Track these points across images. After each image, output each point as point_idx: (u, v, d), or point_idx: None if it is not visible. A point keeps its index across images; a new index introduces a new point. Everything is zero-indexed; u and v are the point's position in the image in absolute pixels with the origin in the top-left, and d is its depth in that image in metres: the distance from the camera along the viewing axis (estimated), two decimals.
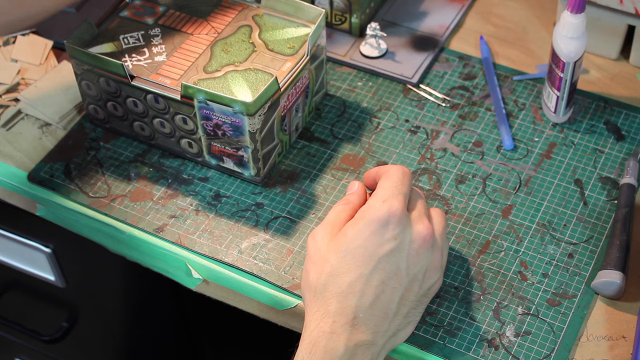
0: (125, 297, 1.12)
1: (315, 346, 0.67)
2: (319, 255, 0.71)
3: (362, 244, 0.70)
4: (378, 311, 0.69)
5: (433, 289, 0.74)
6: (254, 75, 0.84)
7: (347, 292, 0.69)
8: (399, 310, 0.70)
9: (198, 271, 0.82)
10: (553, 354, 0.74)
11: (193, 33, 0.88)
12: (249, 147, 0.82)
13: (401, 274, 0.70)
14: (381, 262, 0.69)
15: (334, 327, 0.67)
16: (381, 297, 0.69)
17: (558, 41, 0.85)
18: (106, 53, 0.86)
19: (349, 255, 0.70)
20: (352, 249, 0.70)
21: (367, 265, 0.69)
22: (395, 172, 0.74)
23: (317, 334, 0.67)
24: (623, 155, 0.88)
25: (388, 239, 0.70)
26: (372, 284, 0.69)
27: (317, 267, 0.71)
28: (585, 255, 0.80)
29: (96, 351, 1.25)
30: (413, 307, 0.72)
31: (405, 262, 0.70)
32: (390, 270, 0.70)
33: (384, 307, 0.69)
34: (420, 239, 0.71)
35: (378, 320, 0.69)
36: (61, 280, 1.06)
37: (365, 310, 0.68)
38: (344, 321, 0.68)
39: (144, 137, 0.89)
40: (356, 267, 0.69)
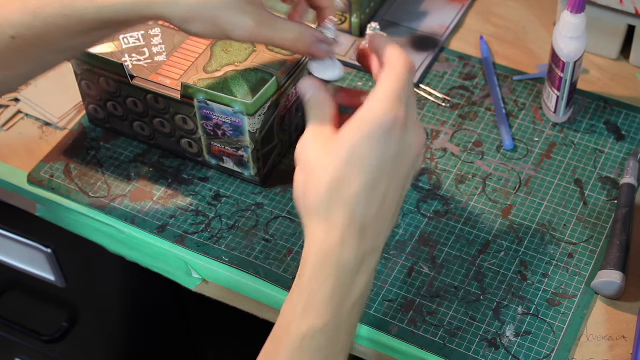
0: (125, 297, 1.12)
1: (327, 260, 0.64)
2: (316, 165, 0.66)
3: (367, 151, 0.65)
4: (382, 217, 0.67)
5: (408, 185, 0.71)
6: (254, 75, 0.84)
7: (354, 202, 0.65)
8: (396, 212, 0.69)
9: (198, 271, 0.82)
10: (553, 354, 0.74)
11: None
12: (249, 147, 0.82)
13: (402, 178, 0.68)
14: (386, 167, 0.66)
15: (344, 239, 0.65)
16: (385, 202, 0.67)
17: (558, 41, 0.85)
18: (106, 53, 0.86)
19: (352, 163, 0.65)
20: (356, 157, 0.65)
21: (373, 172, 0.66)
22: (403, 70, 0.68)
23: (327, 248, 0.65)
24: (623, 155, 0.88)
25: (393, 144, 0.66)
26: (379, 190, 0.66)
27: (315, 178, 0.66)
28: (585, 255, 0.80)
29: (96, 351, 1.25)
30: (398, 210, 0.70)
31: (407, 166, 0.68)
32: (393, 174, 0.67)
33: (387, 211, 0.67)
34: (419, 145, 0.69)
35: (382, 225, 0.67)
36: (61, 280, 1.06)
37: (372, 217, 0.66)
38: (353, 232, 0.65)
39: (144, 137, 0.89)
40: (361, 175, 0.65)
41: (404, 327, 0.76)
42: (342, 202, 0.65)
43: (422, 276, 0.79)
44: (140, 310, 1.14)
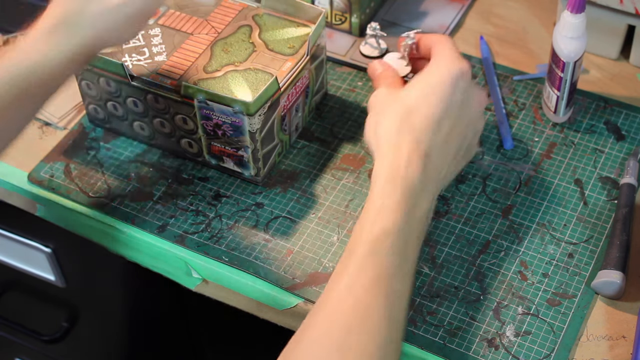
0: (125, 297, 1.12)
1: (395, 175, 0.70)
2: (389, 104, 0.75)
3: (436, 92, 0.74)
4: (445, 152, 0.74)
5: (470, 152, 0.78)
6: (254, 75, 0.84)
7: (421, 128, 0.72)
8: (455, 157, 0.75)
9: (198, 271, 0.82)
10: (553, 354, 0.74)
11: (193, 33, 0.88)
12: (249, 147, 0.82)
13: (464, 125, 0.75)
14: (451, 109, 0.74)
15: (410, 158, 0.71)
16: (449, 140, 0.74)
17: (558, 41, 0.85)
18: (106, 53, 0.86)
19: (421, 98, 0.74)
20: (425, 94, 0.74)
21: (439, 109, 0.73)
22: (449, 39, 0.79)
23: (395, 165, 0.71)
24: (623, 155, 0.88)
25: (458, 91, 0.74)
26: (443, 126, 0.73)
27: (387, 114, 0.74)
28: (585, 255, 0.80)
29: (96, 351, 1.25)
30: (458, 160, 0.77)
31: (469, 116, 0.76)
32: (457, 119, 0.74)
33: (450, 149, 0.74)
34: (480, 102, 0.77)
35: (444, 160, 0.74)
36: (61, 280, 1.06)
37: (436, 147, 0.73)
38: (418, 154, 0.71)
39: (144, 137, 0.89)
40: (429, 108, 0.73)
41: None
42: (410, 128, 0.72)
43: (422, 276, 0.79)
44: (140, 310, 1.14)
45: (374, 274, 0.67)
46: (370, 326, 0.65)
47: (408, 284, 0.69)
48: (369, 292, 0.66)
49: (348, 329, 0.64)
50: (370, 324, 0.65)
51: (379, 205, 0.69)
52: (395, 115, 0.73)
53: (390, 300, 0.66)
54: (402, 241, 0.68)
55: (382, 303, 0.66)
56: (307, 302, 0.78)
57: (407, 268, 0.69)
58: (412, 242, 0.70)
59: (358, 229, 0.70)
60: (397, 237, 0.68)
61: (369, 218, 0.69)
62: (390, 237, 0.68)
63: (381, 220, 0.69)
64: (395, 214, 0.69)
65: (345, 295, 0.66)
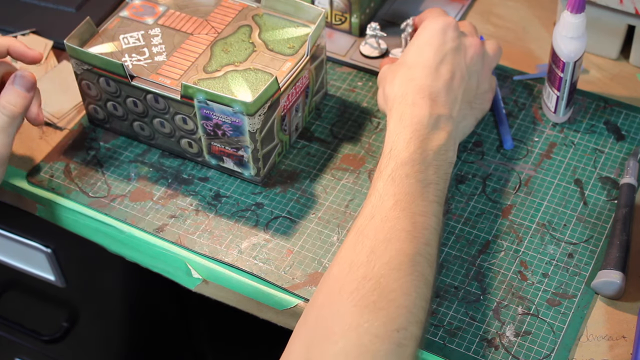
0: (125, 297, 1.12)
1: (403, 116, 0.77)
2: (392, 71, 0.83)
3: (427, 47, 0.81)
4: (452, 93, 0.80)
5: (485, 98, 0.86)
6: (254, 75, 0.84)
7: (421, 76, 0.79)
8: (464, 97, 0.82)
9: (198, 271, 0.82)
10: (553, 354, 0.74)
11: (193, 33, 0.88)
12: (249, 147, 0.82)
13: (463, 68, 0.82)
14: (447, 56, 0.81)
15: (415, 100, 0.78)
16: (451, 83, 0.80)
17: (558, 41, 0.85)
18: (106, 53, 0.86)
19: (417, 53, 0.82)
20: (419, 53, 0.81)
21: (435, 57, 0.81)
22: (435, 8, 0.88)
23: (402, 109, 0.78)
24: (623, 155, 0.88)
25: (450, 39, 0.82)
26: (442, 71, 0.80)
27: (392, 77, 0.82)
28: (585, 255, 0.80)
29: (96, 351, 1.25)
30: (471, 102, 0.84)
31: (464, 60, 0.82)
32: (455, 63, 0.81)
33: (454, 91, 0.80)
34: (474, 47, 0.84)
35: (453, 100, 0.80)
36: (61, 280, 1.06)
37: (440, 89, 0.79)
38: (423, 95, 0.78)
39: (144, 137, 0.89)
40: (425, 58, 0.81)
41: None
42: (411, 79, 0.80)
43: None
44: (140, 310, 1.14)
45: (395, 198, 0.71)
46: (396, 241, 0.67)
47: (434, 208, 0.72)
48: (392, 211, 0.70)
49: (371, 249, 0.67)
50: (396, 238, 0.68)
51: (392, 142, 0.75)
52: (398, 75, 0.81)
53: (414, 220, 0.69)
54: (419, 168, 0.73)
55: (406, 221, 0.69)
56: (307, 302, 0.78)
57: (430, 192, 0.73)
58: (432, 169, 0.74)
59: (377, 173, 0.74)
60: (411, 166, 0.73)
61: (384, 160, 0.75)
62: (406, 166, 0.73)
63: (395, 157, 0.74)
64: (407, 146, 0.74)
65: (369, 218, 0.70)
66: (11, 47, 0.84)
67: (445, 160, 0.76)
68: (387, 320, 0.63)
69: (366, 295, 0.64)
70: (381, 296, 0.65)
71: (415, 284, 0.66)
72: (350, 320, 0.63)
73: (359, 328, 0.63)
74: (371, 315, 0.63)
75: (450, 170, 0.77)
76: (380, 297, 0.64)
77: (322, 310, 0.66)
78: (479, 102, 0.86)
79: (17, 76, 0.81)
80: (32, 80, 0.82)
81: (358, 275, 0.66)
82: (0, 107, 0.80)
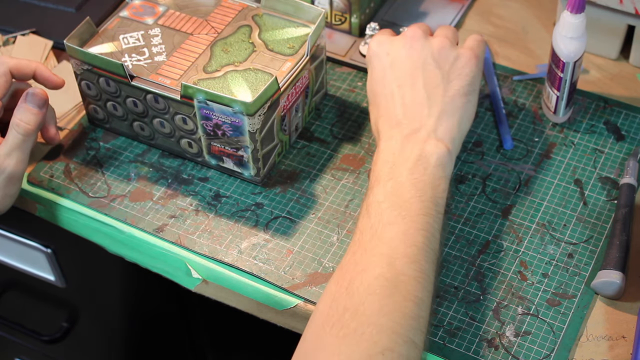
0: (125, 297, 1.12)
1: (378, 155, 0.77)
2: (378, 57, 0.83)
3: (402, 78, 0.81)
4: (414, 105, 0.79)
5: (465, 72, 0.81)
6: (254, 75, 0.84)
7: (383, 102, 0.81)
8: (434, 94, 0.79)
9: (198, 271, 0.82)
10: (553, 354, 0.74)
11: (193, 33, 0.88)
12: (248, 147, 0.82)
13: (444, 71, 0.80)
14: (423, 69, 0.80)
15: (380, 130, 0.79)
16: (415, 91, 0.79)
17: (558, 41, 0.85)
18: (106, 53, 0.86)
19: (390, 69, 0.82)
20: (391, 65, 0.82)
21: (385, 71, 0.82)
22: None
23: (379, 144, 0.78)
24: (623, 155, 0.88)
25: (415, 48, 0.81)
26: (417, 74, 0.80)
27: (377, 69, 0.82)
28: (585, 255, 0.80)
29: (96, 351, 1.25)
30: (459, 94, 0.80)
31: (432, 57, 0.81)
32: (435, 65, 0.80)
33: (419, 99, 0.79)
34: (439, 43, 0.81)
35: (417, 111, 0.78)
36: (61, 280, 1.06)
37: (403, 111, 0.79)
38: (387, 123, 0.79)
39: (144, 137, 0.89)
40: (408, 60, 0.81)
41: None
42: (394, 78, 0.80)
43: None
44: (140, 310, 1.14)
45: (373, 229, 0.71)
46: (374, 267, 0.68)
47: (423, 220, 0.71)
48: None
49: (350, 280, 0.67)
50: (374, 265, 0.68)
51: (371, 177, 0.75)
52: (383, 72, 0.81)
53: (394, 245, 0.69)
54: (392, 194, 0.72)
55: (384, 247, 0.69)
56: (306, 302, 0.78)
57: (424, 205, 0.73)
58: (405, 191, 0.73)
59: (372, 176, 0.76)
60: (385, 193, 0.72)
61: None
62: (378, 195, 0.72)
63: (372, 186, 0.74)
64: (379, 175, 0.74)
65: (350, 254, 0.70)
66: (38, 70, 0.85)
67: (424, 169, 0.75)
68: (369, 345, 0.63)
69: (346, 324, 0.64)
70: (360, 322, 0.64)
71: (398, 305, 0.66)
72: (332, 350, 0.63)
73: (341, 356, 0.63)
74: (352, 342, 0.63)
75: (445, 184, 0.75)
76: (360, 323, 0.64)
77: (309, 345, 0.66)
78: (466, 89, 0.82)
79: (29, 94, 0.82)
80: (44, 98, 0.83)
81: (339, 308, 0.66)
82: (15, 125, 0.81)
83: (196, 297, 0.86)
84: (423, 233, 0.70)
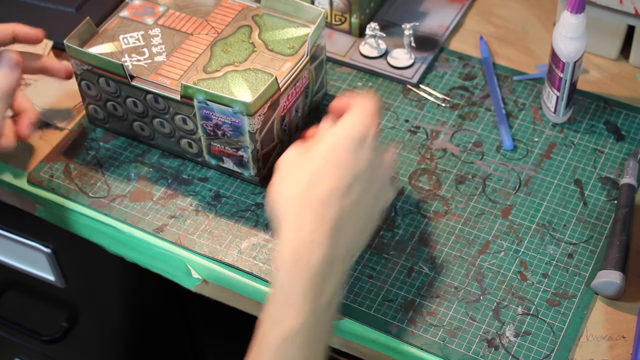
0: (125, 297, 1.12)
1: (299, 261, 0.66)
2: (295, 169, 0.71)
3: (341, 156, 0.70)
4: (353, 223, 0.70)
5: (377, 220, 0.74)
6: (254, 76, 0.84)
7: (327, 202, 0.68)
8: (365, 226, 0.72)
9: (198, 271, 0.82)
10: (553, 354, 0.74)
11: (193, 33, 0.88)
12: (248, 147, 0.82)
13: (374, 192, 0.72)
14: (358, 178, 0.70)
15: (314, 238, 0.67)
16: (358, 210, 0.70)
17: (558, 41, 0.85)
18: (106, 53, 0.86)
19: (328, 166, 0.70)
20: (331, 161, 0.70)
21: (346, 179, 0.69)
22: (369, 104, 0.74)
23: (299, 248, 0.67)
24: (623, 155, 0.88)
25: (365, 154, 0.71)
26: (351, 195, 0.69)
27: (293, 179, 0.70)
28: (585, 255, 0.80)
29: (96, 351, 1.25)
30: (370, 228, 0.73)
31: (379, 182, 0.72)
32: (366, 186, 0.71)
33: (359, 219, 0.70)
34: (387, 168, 0.74)
35: (352, 232, 0.70)
36: (61, 280, 1.06)
37: (343, 221, 0.69)
38: (324, 231, 0.67)
39: (144, 137, 0.89)
40: (336, 179, 0.69)
41: (404, 327, 0.76)
42: (314, 201, 0.68)
43: (422, 276, 0.79)
44: (140, 310, 1.14)
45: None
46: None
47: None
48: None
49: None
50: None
51: (283, 300, 0.66)
52: (300, 185, 0.69)
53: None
54: (310, 339, 0.65)
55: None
56: None
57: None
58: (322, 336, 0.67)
59: (265, 321, 0.67)
60: (304, 337, 0.65)
61: (274, 316, 0.66)
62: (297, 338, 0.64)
63: (287, 319, 0.65)
64: (301, 309, 0.65)
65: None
66: (16, 30, 0.85)
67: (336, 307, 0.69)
68: None
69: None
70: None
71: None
72: None
73: None
74: None
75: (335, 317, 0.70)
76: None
77: None
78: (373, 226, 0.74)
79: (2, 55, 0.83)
80: (14, 59, 0.83)
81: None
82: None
83: (196, 297, 0.86)
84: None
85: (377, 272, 0.79)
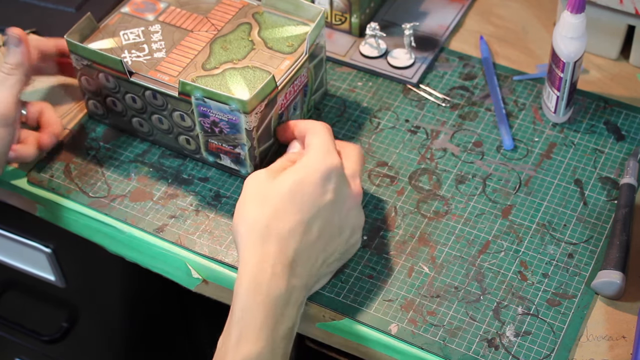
0: (125, 298, 1.11)
1: (258, 288, 0.69)
2: (261, 195, 0.73)
3: (305, 190, 0.72)
4: (313, 257, 0.73)
5: (354, 249, 0.78)
6: (252, 73, 0.83)
7: (288, 236, 0.71)
8: (327, 258, 0.75)
9: (198, 271, 0.82)
10: (553, 354, 0.73)
11: (193, 30, 0.88)
12: (245, 145, 0.82)
13: (335, 226, 0.74)
14: (321, 211, 0.73)
15: (274, 269, 0.70)
16: (317, 244, 0.73)
17: (558, 41, 0.85)
18: (106, 49, 0.86)
19: (291, 200, 0.72)
20: (294, 194, 0.72)
21: (309, 212, 0.72)
22: (323, 129, 0.77)
23: (258, 276, 0.69)
24: (623, 155, 0.88)
25: (328, 191, 0.73)
26: (312, 230, 0.72)
27: (257, 205, 0.73)
28: (585, 255, 0.80)
29: (96, 351, 1.25)
30: (336, 259, 0.76)
31: (339, 215, 0.74)
32: (327, 220, 0.73)
33: (317, 253, 0.73)
34: (353, 198, 0.75)
35: (312, 265, 0.73)
36: (61, 280, 1.06)
37: (303, 254, 0.72)
38: (283, 263, 0.70)
39: (143, 133, 0.89)
40: (298, 212, 0.72)
41: (404, 327, 0.76)
42: (276, 235, 0.71)
43: (422, 276, 0.79)
44: (140, 310, 1.14)
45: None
46: None
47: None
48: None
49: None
50: None
51: (241, 326, 0.68)
52: (265, 216, 0.72)
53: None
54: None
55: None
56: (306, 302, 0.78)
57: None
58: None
59: (222, 346, 0.69)
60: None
61: (232, 341, 0.68)
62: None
63: (244, 345, 0.67)
64: (259, 336, 0.67)
65: None
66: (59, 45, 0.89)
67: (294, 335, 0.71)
68: None
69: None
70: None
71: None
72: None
73: None
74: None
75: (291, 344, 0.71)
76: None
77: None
78: (344, 257, 0.78)
79: (6, 36, 0.84)
80: (17, 35, 0.84)
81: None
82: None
83: (196, 297, 0.86)
84: None
85: (377, 272, 0.79)
